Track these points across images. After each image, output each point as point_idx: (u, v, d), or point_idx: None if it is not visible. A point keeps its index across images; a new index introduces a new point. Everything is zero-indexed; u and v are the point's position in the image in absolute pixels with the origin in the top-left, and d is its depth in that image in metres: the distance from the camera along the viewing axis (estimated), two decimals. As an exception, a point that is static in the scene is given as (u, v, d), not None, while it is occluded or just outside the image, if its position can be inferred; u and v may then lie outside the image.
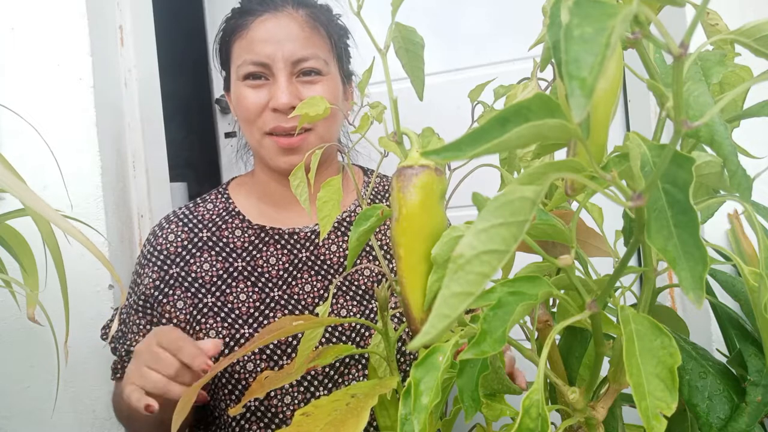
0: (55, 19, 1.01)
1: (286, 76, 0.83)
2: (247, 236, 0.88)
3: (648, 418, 0.30)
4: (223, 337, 0.81)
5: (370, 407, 0.45)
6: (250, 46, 0.84)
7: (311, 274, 0.87)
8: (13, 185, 0.43)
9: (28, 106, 0.98)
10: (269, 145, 0.85)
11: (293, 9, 0.85)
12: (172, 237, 0.87)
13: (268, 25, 0.84)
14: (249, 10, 0.86)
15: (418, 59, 0.50)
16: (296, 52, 0.83)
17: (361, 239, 0.49)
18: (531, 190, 0.25)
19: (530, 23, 0.65)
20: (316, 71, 0.85)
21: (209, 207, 0.91)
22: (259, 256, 0.87)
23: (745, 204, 0.36)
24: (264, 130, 0.85)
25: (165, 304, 0.84)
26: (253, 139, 0.88)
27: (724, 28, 0.44)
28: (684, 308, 1.03)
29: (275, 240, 0.88)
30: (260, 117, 0.85)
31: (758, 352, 0.46)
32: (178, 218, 0.90)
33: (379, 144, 0.55)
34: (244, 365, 0.81)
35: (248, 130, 0.88)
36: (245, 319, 0.83)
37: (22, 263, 0.66)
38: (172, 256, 0.86)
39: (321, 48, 0.86)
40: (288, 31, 0.84)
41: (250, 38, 0.84)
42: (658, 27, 0.24)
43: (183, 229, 0.88)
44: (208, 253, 0.86)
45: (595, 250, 0.52)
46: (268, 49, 0.83)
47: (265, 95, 0.84)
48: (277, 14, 0.85)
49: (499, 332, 0.32)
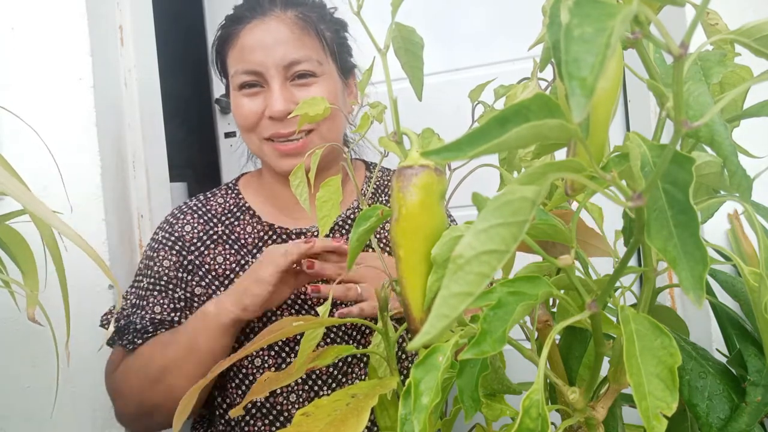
0: (55, 19, 1.01)
1: (279, 82, 0.82)
2: (257, 232, 0.89)
3: (648, 418, 0.30)
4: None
5: (371, 407, 0.45)
6: (241, 55, 0.84)
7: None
8: (12, 186, 0.43)
9: (28, 106, 0.98)
10: (269, 150, 0.85)
11: (281, 11, 0.84)
12: (189, 227, 0.88)
13: (256, 31, 0.83)
14: (239, 17, 0.86)
15: (418, 59, 0.50)
16: (287, 55, 0.82)
17: (362, 239, 0.49)
18: (531, 190, 0.25)
19: (530, 23, 0.65)
20: (310, 73, 0.84)
21: (220, 201, 0.92)
22: None
23: (745, 204, 0.36)
24: (263, 136, 0.85)
25: (185, 287, 0.85)
26: (253, 145, 0.88)
27: (724, 27, 0.44)
28: (684, 308, 1.03)
29: (283, 239, 0.89)
30: (258, 125, 0.85)
31: (758, 352, 0.46)
32: (192, 210, 0.90)
33: (378, 144, 0.55)
34: (252, 360, 0.82)
35: (247, 137, 0.88)
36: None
37: (21, 264, 0.66)
38: (188, 244, 0.87)
39: (313, 48, 0.84)
40: (276, 35, 0.82)
41: (240, 47, 0.84)
42: (658, 27, 0.24)
43: (199, 221, 0.89)
44: (222, 246, 0.87)
45: (595, 250, 0.52)
46: (259, 57, 0.82)
47: (260, 103, 0.84)
48: (265, 19, 0.84)
49: (499, 332, 0.32)
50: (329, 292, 0.63)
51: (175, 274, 0.85)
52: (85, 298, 0.98)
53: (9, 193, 0.43)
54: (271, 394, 0.81)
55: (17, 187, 0.44)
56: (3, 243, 0.65)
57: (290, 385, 0.82)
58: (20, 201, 0.43)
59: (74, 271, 0.81)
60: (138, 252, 1.13)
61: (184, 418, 0.48)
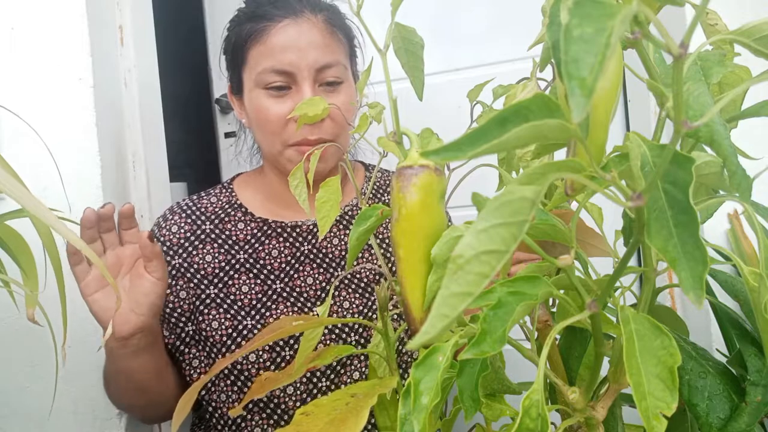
0: (55, 19, 1.01)
1: (310, 85, 0.81)
2: (249, 229, 0.89)
3: (648, 418, 0.30)
4: (226, 328, 0.82)
5: (370, 407, 0.45)
6: (272, 54, 0.82)
7: (313, 267, 0.88)
8: (10, 186, 0.43)
9: (28, 106, 0.98)
10: (291, 155, 0.84)
11: (311, 14, 0.83)
12: (176, 228, 0.88)
13: (290, 31, 0.82)
14: (266, 15, 0.84)
15: (418, 59, 0.50)
16: (319, 59, 0.81)
17: (361, 239, 0.49)
18: (530, 190, 0.25)
19: (530, 23, 0.65)
20: (339, 80, 0.83)
21: (213, 200, 0.92)
22: (261, 248, 0.87)
23: (745, 204, 0.36)
24: (288, 143, 0.83)
25: (168, 295, 0.84)
26: (273, 149, 0.86)
27: (724, 28, 0.44)
28: (684, 308, 1.03)
29: (278, 233, 0.89)
30: (285, 129, 0.83)
31: (758, 352, 0.46)
32: (182, 210, 0.90)
33: (378, 144, 0.55)
34: (246, 356, 0.81)
35: (269, 140, 0.85)
36: (247, 310, 0.83)
37: (21, 264, 0.66)
38: (175, 246, 0.87)
39: (341, 53, 0.85)
40: (310, 37, 0.82)
41: (271, 45, 0.82)
42: (657, 27, 0.24)
43: (186, 221, 0.88)
44: (210, 245, 0.87)
45: (595, 250, 0.52)
46: (292, 57, 0.81)
47: (288, 105, 0.82)
48: (298, 20, 0.82)
49: (499, 332, 0.32)
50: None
51: None
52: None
53: (7, 192, 0.43)
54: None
55: (15, 187, 0.44)
56: (3, 243, 0.65)
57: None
58: (18, 200, 0.43)
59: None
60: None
61: (183, 417, 0.48)
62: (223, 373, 0.83)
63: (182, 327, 0.85)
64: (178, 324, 0.85)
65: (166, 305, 0.85)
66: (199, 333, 0.84)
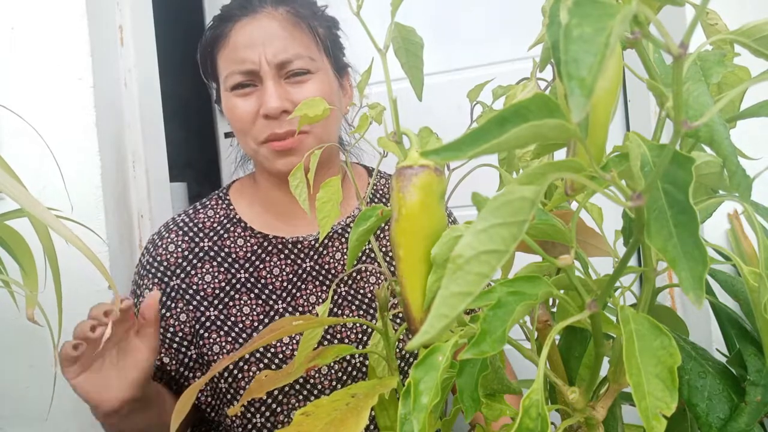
0: (55, 19, 1.01)
1: (273, 80, 0.80)
2: (249, 245, 0.86)
3: (648, 418, 0.30)
4: (227, 352, 0.80)
5: (370, 407, 0.45)
6: (234, 55, 0.81)
7: (315, 285, 0.85)
8: (10, 186, 0.43)
9: (28, 106, 0.98)
10: (266, 152, 0.83)
11: (272, 8, 0.82)
12: (173, 247, 0.85)
13: (248, 28, 0.81)
14: (228, 16, 0.83)
15: (417, 59, 0.50)
16: (280, 52, 0.80)
17: (361, 239, 0.49)
18: (530, 190, 0.25)
19: (530, 23, 0.65)
20: (304, 70, 0.81)
21: (210, 214, 0.89)
22: (262, 266, 0.85)
23: (745, 204, 0.36)
24: (259, 140, 0.82)
25: (168, 318, 0.82)
26: (248, 148, 0.85)
27: (724, 27, 0.44)
28: (684, 308, 1.03)
29: (278, 249, 0.86)
30: (253, 126, 0.82)
31: (758, 352, 0.46)
32: (178, 226, 0.87)
33: (378, 144, 0.55)
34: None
35: (243, 140, 0.85)
36: (249, 332, 0.81)
37: (21, 263, 0.66)
38: (173, 267, 0.84)
39: (306, 45, 0.82)
40: (269, 31, 0.80)
41: (232, 46, 0.81)
42: (657, 27, 0.24)
43: (183, 239, 0.85)
44: (209, 264, 0.84)
45: (595, 250, 0.52)
46: (252, 54, 0.80)
47: (254, 102, 0.81)
48: (256, 16, 0.81)
49: (499, 332, 0.32)
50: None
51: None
52: (84, 299, 0.98)
53: (6, 192, 0.43)
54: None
55: (14, 186, 0.44)
56: (3, 242, 0.65)
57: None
58: (15, 199, 0.43)
59: (73, 271, 0.81)
60: (138, 252, 1.13)
61: (181, 417, 0.48)
62: (219, 373, 0.81)
63: (184, 352, 0.82)
64: (180, 349, 0.82)
65: (167, 330, 0.82)
66: (201, 357, 0.82)
